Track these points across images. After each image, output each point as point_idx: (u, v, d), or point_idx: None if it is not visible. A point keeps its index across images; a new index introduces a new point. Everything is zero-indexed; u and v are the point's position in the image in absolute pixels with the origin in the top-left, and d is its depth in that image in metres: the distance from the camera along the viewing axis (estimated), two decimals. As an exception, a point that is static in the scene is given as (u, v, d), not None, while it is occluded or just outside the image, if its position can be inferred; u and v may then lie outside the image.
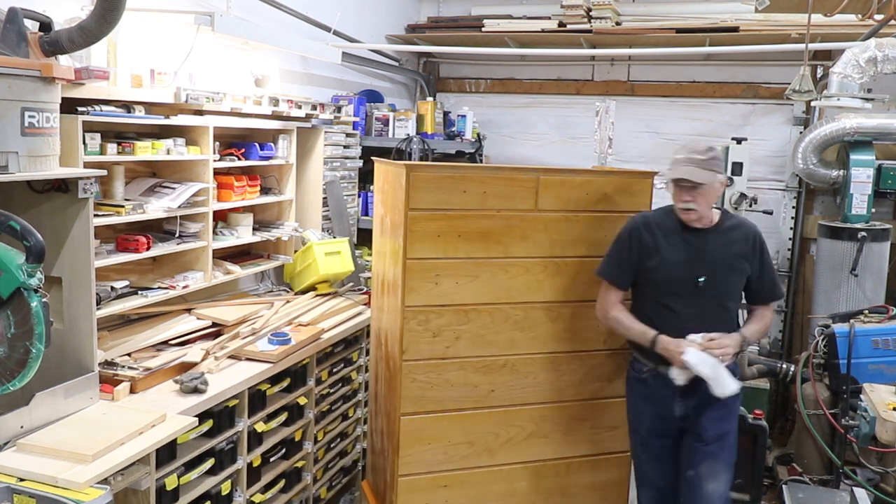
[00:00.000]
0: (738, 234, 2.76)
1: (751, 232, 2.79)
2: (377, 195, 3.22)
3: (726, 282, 2.73)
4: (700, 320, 2.68)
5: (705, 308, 2.71)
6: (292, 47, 3.89)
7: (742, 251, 2.74)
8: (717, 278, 2.70)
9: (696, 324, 2.67)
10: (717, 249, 2.72)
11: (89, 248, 2.35)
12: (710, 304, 2.72)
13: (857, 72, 4.12)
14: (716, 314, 2.72)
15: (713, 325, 2.68)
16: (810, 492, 3.25)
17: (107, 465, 2.04)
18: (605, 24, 5.08)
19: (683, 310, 2.70)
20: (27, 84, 2.08)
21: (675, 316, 2.70)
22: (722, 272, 2.71)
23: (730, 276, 2.73)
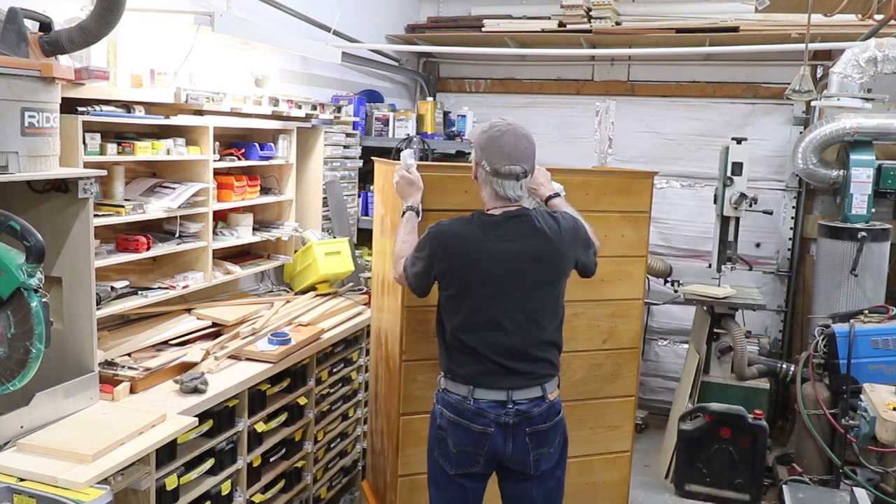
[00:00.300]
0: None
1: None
2: (377, 195, 3.22)
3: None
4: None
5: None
6: (292, 47, 3.89)
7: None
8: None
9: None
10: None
11: (89, 248, 2.35)
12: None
13: (857, 72, 4.12)
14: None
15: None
16: (810, 492, 3.25)
17: (107, 465, 2.04)
18: (605, 24, 5.08)
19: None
20: (27, 84, 2.09)
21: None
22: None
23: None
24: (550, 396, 2.45)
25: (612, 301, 3.11)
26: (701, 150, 5.39)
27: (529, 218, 2.42)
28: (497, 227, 2.40)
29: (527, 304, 2.41)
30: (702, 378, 4.36)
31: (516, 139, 2.39)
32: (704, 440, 4.09)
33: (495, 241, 2.39)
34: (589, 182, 3.02)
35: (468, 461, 2.44)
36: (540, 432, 2.43)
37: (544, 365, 2.45)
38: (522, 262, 2.39)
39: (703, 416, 4.08)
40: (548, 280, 2.44)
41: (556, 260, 2.44)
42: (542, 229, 2.42)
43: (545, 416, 2.43)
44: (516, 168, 2.37)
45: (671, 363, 5.53)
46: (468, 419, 2.40)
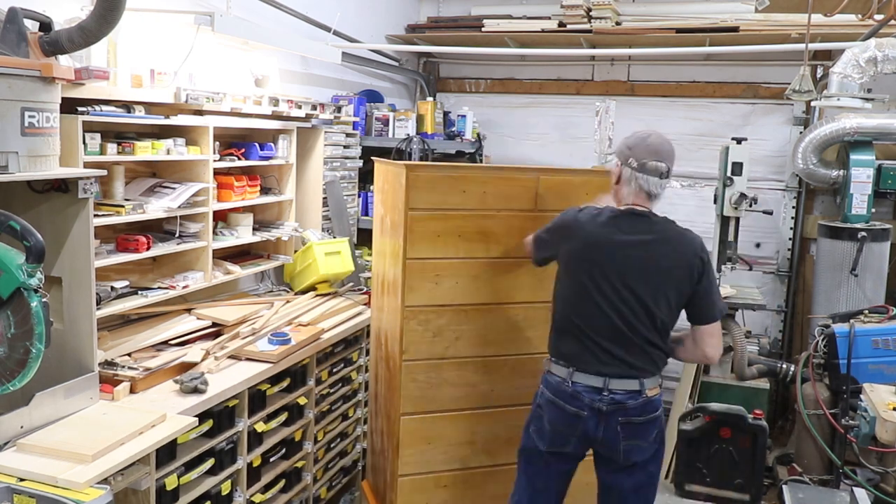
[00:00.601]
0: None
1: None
2: (377, 195, 3.23)
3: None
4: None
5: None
6: (292, 47, 3.89)
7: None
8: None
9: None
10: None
11: (89, 248, 2.35)
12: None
13: (857, 72, 4.12)
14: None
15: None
16: (810, 492, 3.25)
17: (107, 465, 2.04)
18: (605, 24, 5.08)
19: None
20: (27, 84, 2.09)
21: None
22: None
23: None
24: (649, 392, 2.51)
25: (612, 301, 3.11)
26: (701, 150, 5.39)
27: (652, 220, 2.55)
28: (618, 218, 2.53)
29: (631, 298, 2.47)
30: (702, 378, 4.36)
31: (662, 140, 2.55)
32: (704, 440, 4.08)
33: (618, 233, 2.50)
34: (589, 182, 3.02)
35: (561, 440, 2.54)
36: (634, 424, 2.49)
37: (645, 360, 2.51)
38: (632, 256, 2.48)
39: (703, 416, 4.08)
40: (659, 281, 2.49)
41: (673, 264, 2.50)
42: (665, 231, 2.54)
43: (640, 409, 2.49)
44: (661, 165, 2.51)
45: (671, 363, 5.47)
46: (564, 400, 2.50)
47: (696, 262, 2.51)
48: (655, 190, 2.53)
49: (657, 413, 2.55)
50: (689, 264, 2.50)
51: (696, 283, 2.51)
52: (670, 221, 2.59)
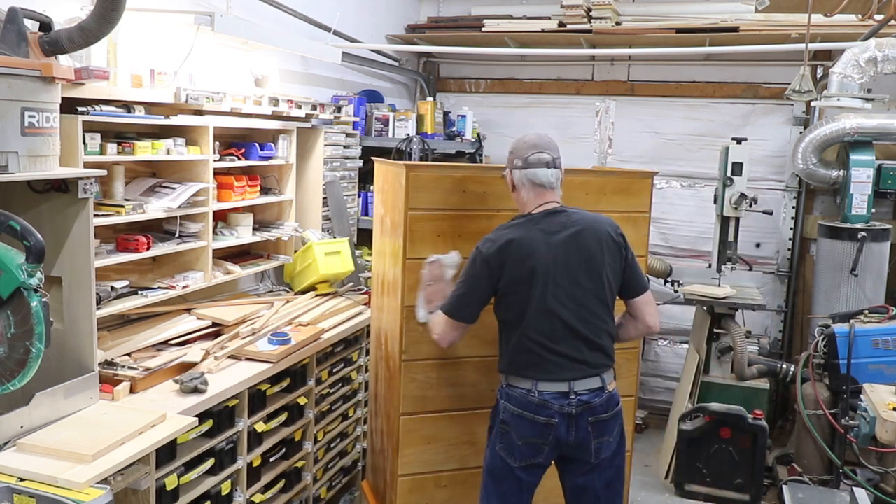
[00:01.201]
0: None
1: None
2: (377, 195, 3.23)
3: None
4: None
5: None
6: (292, 47, 3.89)
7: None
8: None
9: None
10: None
11: (89, 248, 2.35)
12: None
13: (857, 72, 4.12)
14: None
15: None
16: (810, 492, 3.25)
17: (107, 465, 2.04)
18: (605, 24, 5.08)
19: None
20: (27, 84, 2.09)
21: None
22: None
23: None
24: (609, 387, 2.54)
25: (612, 301, 3.11)
26: (701, 150, 5.39)
27: (567, 211, 2.56)
28: (538, 222, 2.53)
29: (578, 292, 2.49)
30: (702, 378, 4.36)
31: (540, 135, 2.62)
32: (704, 440, 4.09)
33: (541, 235, 2.50)
34: (589, 182, 3.02)
35: (533, 452, 2.52)
36: (601, 421, 2.52)
37: (600, 355, 2.53)
38: (568, 252, 2.49)
39: (703, 416, 4.08)
40: (596, 267, 2.51)
41: (601, 248, 2.52)
42: (581, 220, 2.54)
43: (605, 405, 2.52)
44: (545, 155, 2.55)
45: (671, 363, 5.53)
46: (532, 411, 2.49)
47: (618, 239, 2.56)
48: (548, 180, 2.55)
49: (619, 407, 2.59)
50: (615, 243, 2.55)
51: (623, 259, 2.57)
52: (580, 210, 2.62)
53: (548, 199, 2.56)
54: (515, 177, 2.58)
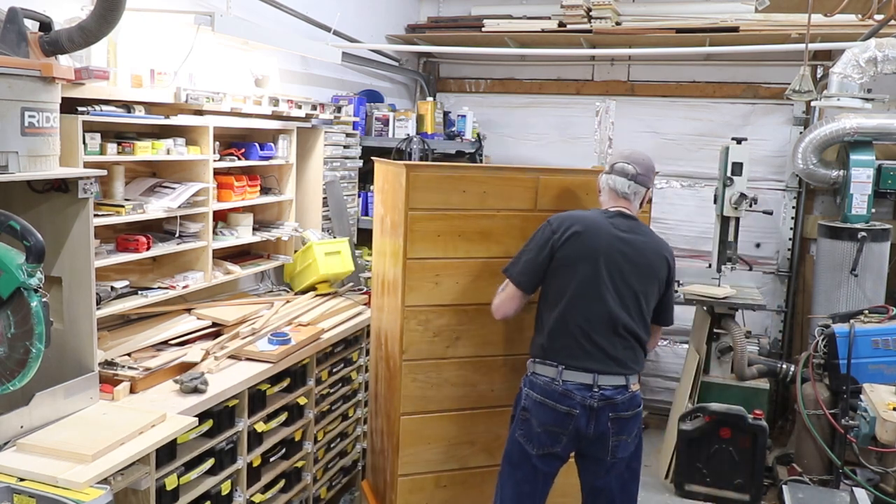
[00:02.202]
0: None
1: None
2: (377, 195, 3.23)
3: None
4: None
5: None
6: (292, 47, 3.89)
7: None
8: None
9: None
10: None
11: (89, 248, 2.35)
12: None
13: (857, 72, 4.12)
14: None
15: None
16: (810, 492, 3.25)
17: (107, 465, 2.04)
18: (605, 24, 5.08)
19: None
20: (27, 84, 2.09)
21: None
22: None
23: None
24: (633, 388, 2.60)
25: (612, 301, 3.11)
26: (701, 150, 5.39)
27: (638, 222, 2.70)
28: (611, 217, 2.67)
29: (628, 292, 2.59)
30: (702, 378, 4.36)
31: (639, 152, 2.77)
32: (704, 440, 4.09)
33: (610, 227, 2.63)
34: (589, 182, 3.02)
35: (552, 440, 2.57)
36: (622, 419, 2.56)
37: (630, 357, 2.60)
38: (630, 251, 2.60)
39: (703, 416, 4.08)
40: (648, 277, 2.63)
41: (654, 263, 2.64)
42: (649, 234, 2.71)
43: (628, 404, 2.58)
44: (629, 167, 2.68)
45: (671, 363, 5.53)
46: (555, 400, 2.55)
47: (671, 266, 2.70)
48: (622, 189, 2.68)
49: (640, 408, 2.65)
50: (668, 267, 2.68)
51: (666, 285, 2.69)
52: (649, 229, 2.75)
53: (621, 204, 2.70)
54: (601, 180, 2.75)
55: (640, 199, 2.72)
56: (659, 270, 2.65)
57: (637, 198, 2.71)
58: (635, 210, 2.72)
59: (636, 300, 2.60)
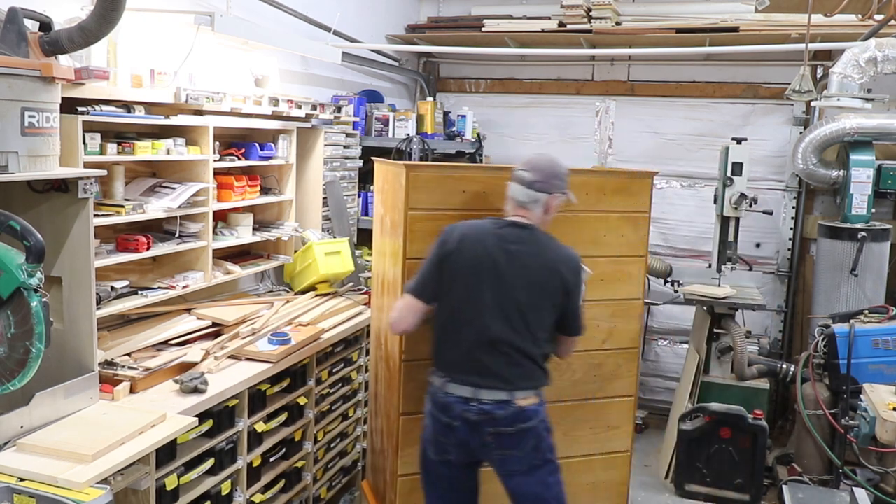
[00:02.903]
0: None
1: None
2: (377, 195, 3.23)
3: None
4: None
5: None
6: (292, 47, 3.89)
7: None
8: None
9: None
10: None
11: (89, 248, 2.35)
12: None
13: (857, 72, 4.12)
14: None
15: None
16: (810, 492, 3.25)
17: (107, 465, 2.04)
18: (605, 24, 5.08)
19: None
20: (27, 84, 2.09)
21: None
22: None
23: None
24: (521, 402, 2.50)
25: (611, 301, 3.11)
26: (701, 150, 5.39)
27: (533, 231, 2.58)
28: (501, 227, 2.58)
29: (512, 306, 2.51)
30: (702, 378, 4.36)
31: (544, 158, 2.66)
32: (704, 440, 4.09)
33: (495, 239, 2.55)
34: (588, 182, 3.02)
35: (442, 449, 2.59)
36: (503, 434, 2.49)
37: (516, 372, 2.51)
38: (515, 265, 2.52)
39: (703, 416, 4.08)
40: (536, 290, 2.53)
41: (543, 276, 2.54)
42: (544, 244, 2.58)
43: (510, 419, 2.48)
44: (525, 174, 2.57)
45: (671, 363, 5.53)
46: (439, 410, 2.55)
47: (566, 277, 2.56)
48: (519, 197, 2.58)
49: (531, 423, 2.51)
50: (562, 279, 2.55)
51: (564, 296, 2.57)
52: (550, 237, 2.63)
53: (520, 213, 2.60)
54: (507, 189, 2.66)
55: (542, 206, 2.57)
56: (548, 283, 2.54)
57: (537, 206, 2.57)
58: (536, 218, 2.59)
59: (522, 315, 2.51)
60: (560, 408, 3.10)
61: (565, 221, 2.97)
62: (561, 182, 2.62)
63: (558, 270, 2.55)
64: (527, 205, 2.57)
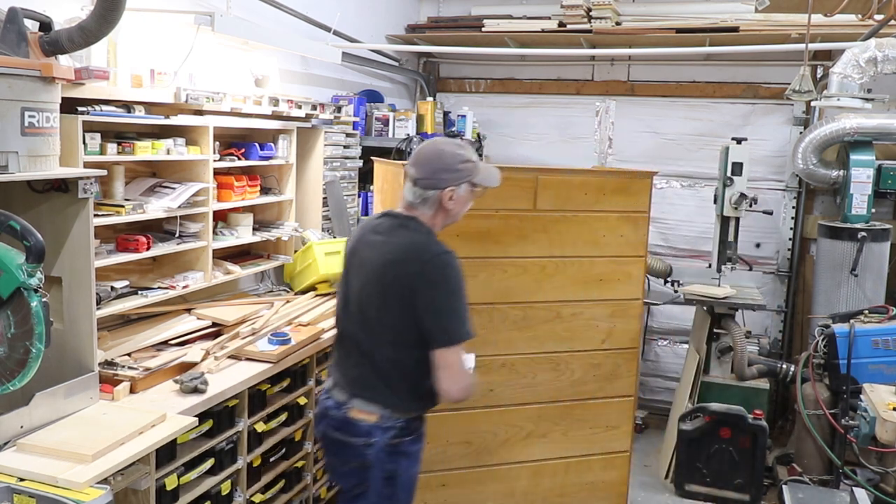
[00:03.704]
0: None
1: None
2: (377, 195, 3.23)
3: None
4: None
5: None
6: (292, 47, 3.89)
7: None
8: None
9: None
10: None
11: (89, 248, 2.35)
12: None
13: (857, 72, 4.12)
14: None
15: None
16: (810, 492, 3.25)
17: (107, 465, 2.04)
18: (605, 24, 5.08)
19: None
20: (27, 84, 2.09)
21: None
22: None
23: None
24: (354, 413, 2.28)
25: (611, 301, 3.11)
26: (701, 150, 5.39)
27: (401, 221, 2.34)
28: (378, 222, 2.41)
29: (361, 299, 2.31)
30: (702, 378, 4.37)
31: (430, 146, 2.38)
32: (704, 440, 4.09)
33: (367, 232, 2.40)
34: (588, 182, 3.03)
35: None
36: (331, 438, 2.36)
37: (358, 375, 2.32)
38: (370, 256, 2.33)
39: (703, 416, 4.09)
40: (383, 287, 2.26)
41: (393, 270, 2.24)
42: (402, 235, 2.29)
43: (339, 424, 2.31)
44: (411, 170, 2.34)
45: (671, 363, 5.53)
46: (319, 415, 2.48)
47: (421, 269, 2.20)
48: (407, 197, 2.34)
49: (360, 440, 2.26)
50: (412, 273, 2.21)
51: (414, 293, 2.20)
52: (414, 229, 2.31)
53: (410, 212, 2.36)
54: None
55: (433, 204, 2.31)
56: (387, 276, 2.24)
57: (426, 204, 2.31)
58: (428, 218, 2.34)
59: (363, 311, 2.29)
60: (560, 408, 3.11)
61: (564, 221, 2.98)
62: (453, 174, 2.30)
63: (404, 262, 2.22)
64: (415, 204, 2.32)
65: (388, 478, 2.27)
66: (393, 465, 2.27)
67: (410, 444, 2.31)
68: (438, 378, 2.19)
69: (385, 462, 2.26)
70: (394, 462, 2.27)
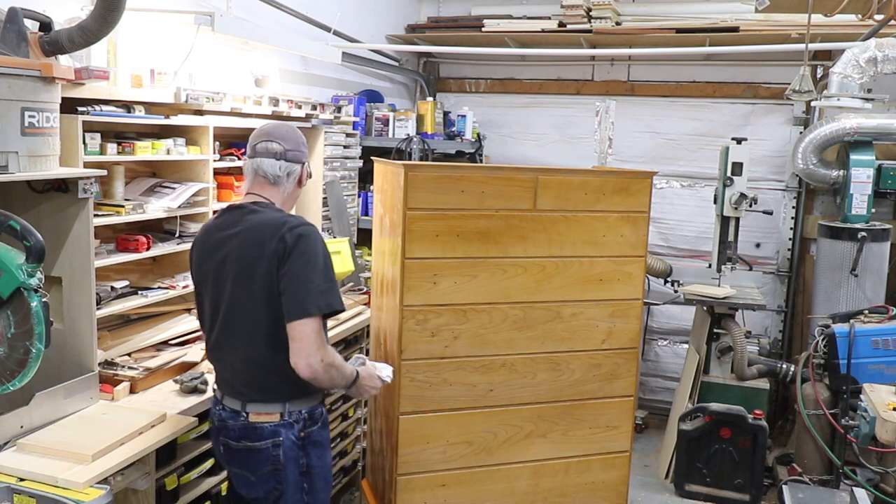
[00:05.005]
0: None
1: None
2: (377, 195, 3.23)
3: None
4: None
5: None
6: (292, 47, 3.90)
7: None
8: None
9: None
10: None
11: (89, 248, 2.35)
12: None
13: (857, 72, 4.12)
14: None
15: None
16: (810, 492, 3.25)
17: (107, 465, 2.04)
18: (605, 24, 5.08)
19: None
20: (27, 84, 2.09)
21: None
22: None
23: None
24: (253, 417, 2.19)
25: (610, 301, 3.11)
26: (701, 150, 5.39)
27: (246, 210, 2.23)
28: (221, 216, 2.30)
29: (230, 301, 2.20)
30: (702, 378, 4.37)
31: (278, 124, 2.32)
32: (704, 440, 4.09)
33: (216, 231, 2.27)
34: (588, 182, 3.02)
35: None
36: (232, 449, 2.23)
37: (246, 378, 2.21)
38: (228, 255, 2.21)
39: (703, 416, 4.09)
40: (248, 278, 2.16)
41: (257, 257, 2.14)
42: (253, 221, 2.19)
43: (239, 433, 2.21)
44: (276, 145, 2.25)
45: (671, 363, 5.53)
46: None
47: (279, 246, 2.10)
48: (274, 171, 2.24)
49: (267, 443, 2.17)
50: (273, 252, 2.11)
51: (278, 270, 2.11)
52: (267, 209, 2.23)
53: (263, 192, 2.27)
54: (244, 167, 2.33)
55: (296, 178, 2.30)
56: (263, 263, 2.12)
57: (291, 178, 2.29)
58: (283, 194, 2.29)
59: (245, 311, 2.17)
60: (559, 408, 3.11)
61: (564, 221, 2.98)
62: (306, 150, 2.35)
63: (266, 242, 2.12)
64: (280, 179, 2.25)
65: (304, 472, 2.23)
66: (306, 458, 2.23)
67: (318, 432, 2.27)
68: (290, 351, 2.08)
69: (298, 457, 2.22)
70: (306, 455, 2.23)
